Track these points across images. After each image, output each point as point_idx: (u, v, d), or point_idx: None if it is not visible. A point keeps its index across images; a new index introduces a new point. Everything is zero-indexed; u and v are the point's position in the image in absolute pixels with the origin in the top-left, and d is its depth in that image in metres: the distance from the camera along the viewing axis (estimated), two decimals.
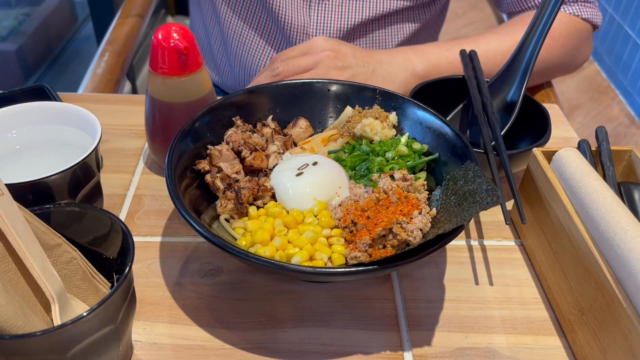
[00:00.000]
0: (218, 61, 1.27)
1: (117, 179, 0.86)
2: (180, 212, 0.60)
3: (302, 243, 0.62)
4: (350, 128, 0.77)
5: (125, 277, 0.53)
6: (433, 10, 1.19)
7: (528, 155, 0.79)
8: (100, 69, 1.23)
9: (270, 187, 0.69)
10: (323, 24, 1.09)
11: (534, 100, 0.88)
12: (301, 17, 1.09)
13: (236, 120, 0.76)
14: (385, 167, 0.72)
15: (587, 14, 1.09)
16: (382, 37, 1.15)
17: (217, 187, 0.70)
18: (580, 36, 1.09)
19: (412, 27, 1.17)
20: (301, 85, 0.82)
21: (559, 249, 0.68)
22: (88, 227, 0.58)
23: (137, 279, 0.71)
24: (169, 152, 0.67)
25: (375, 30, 1.14)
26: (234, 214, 0.68)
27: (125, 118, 0.99)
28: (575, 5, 1.09)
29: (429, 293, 0.71)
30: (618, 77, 2.94)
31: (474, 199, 0.62)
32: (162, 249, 0.75)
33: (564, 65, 1.12)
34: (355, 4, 1.09)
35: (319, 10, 1.09)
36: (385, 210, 0.65)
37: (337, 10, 1.09)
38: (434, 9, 1.18)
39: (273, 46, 1.15)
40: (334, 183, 0.69)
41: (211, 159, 0.71)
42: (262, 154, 0.72)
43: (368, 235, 0.62)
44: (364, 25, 1.12)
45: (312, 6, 1.09)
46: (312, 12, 1.09)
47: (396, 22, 1.15)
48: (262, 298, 0.69)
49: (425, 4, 1.15)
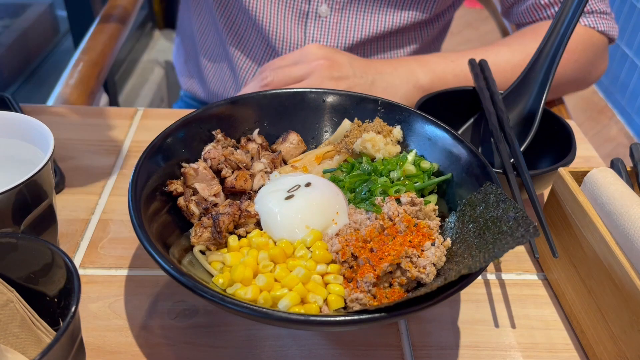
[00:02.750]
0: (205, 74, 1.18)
1: (81, 202, 0.75)
2: (142, 241, 0.49)
3: (291, 282, 0.50)
4: (349, 144, 0.67)
5: (68, 325, 0.42)
6: (433, 30, 1.12)
7: (552, 176, 0.69)
8: (73, 79, 1.12)
9: (254, 213, 0.58)
10: (319, 42, 1.01)
11: (554, 115, 0.79)
12: (295, 34, 1.01)
13: (216, 134, 0.66)
14: (390, 189, 0.62)
15: (603, 26, 1.01)
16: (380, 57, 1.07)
17: (191, 213, 0.59)
18: (596, 50, 1.01)
19: (411, 48, 1.10)
20: (292, 95, 0.72)
21: (595, 287, 0.58)
22: (27, 262, 0.47)
23: (95, 322, 0.60)
24: (135, 171, 0.57)
25: (374, 50, 1.06)
26: (211, 244, 0.57)
27: (97, 132, 0.89)
28: (591, 16, 1.01)
29: (442, 338, 0.60)
30: (615, 97, 2.90)
31: (499, 229, 0.51)
32: (128, 285, 0.64)
33: (578, 81, 1.03)
34: (355, 22, 1.01)
35: (315, 28, 1.01)
36: (391, 241, 0.54)
37: (335, 28, 1.01)
38: (434, 28, 1.11)
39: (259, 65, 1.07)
40: (331, 208, 0.58)
41: (185, 179, 0.61)
42: (245, 174, 0.62)
43: (372, 273, 0.51)
44: (362, 44, 1.04)
45: (309, 23, 1.01)
46: (308, 29, 1.00)
47: (395, 42, 1.07)
48: (244, 345, 0.58)
49: (425, 23, 1.08)
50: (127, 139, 0.88)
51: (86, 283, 0.64)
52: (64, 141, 0.85)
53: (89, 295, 0.63)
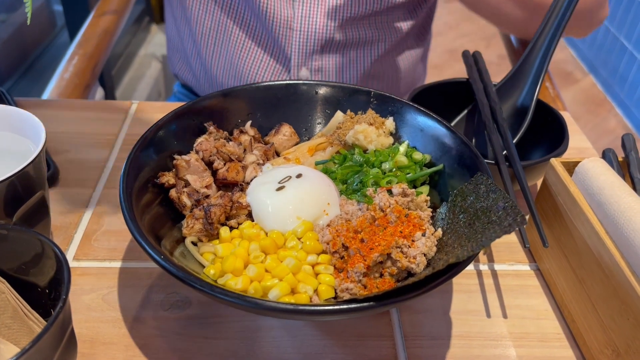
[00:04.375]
0: (193, 63, 1.17)
1: (74, 195, 0.76)
2: (133, 233, 0.49)
3: (282, 272, 0.51)
4: (341, 135, 0.67)
5: (58, 314, 0.42)
6: (423, 10, 1.09)
7: (544, 167, 0.69)
8: (68, 73, 1.12)
9: (246, 204, 0.59)
10: (308, 19, 0.99)
11: (546, 106, 0.79)
12: (284, 11, 0.99)
13: (208, 126, 0.66)
14: (382, 180, 0.62)
15: None
16: (370, 37, 1.05)
17: (183, 204, 0.59)
18: None
19: (402, 27, 1.07)
20: (285, 87, 0.72)
21: (586, 277, 0.58)
22: (17, 254, 0.47)
23: (89, 313, 0.60)
24: (126, 163, 0.57)
25: (363, 29, 1.04)
26: (203, 236, 0.57)
27: (92, 126, 0.89)
28: None
29: (433, 328, 0.61)
30: (614, 89, 2.89)
31: (489, 219, 0.51)
32: (121, 276, 0.65)
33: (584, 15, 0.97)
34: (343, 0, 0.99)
35: (303, 4, 0.99)
36: (382, 232, 0.55)
37: (324, 4, 0.99)
38: (424, 7, 1.09)
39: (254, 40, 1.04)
40: (322, 199, 0.58)
41: (177, 171, 0.61)
42: (237, 165, 0.62)
43: (362, 263, 0.51)
44: (351, 22, 1.02)
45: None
46: (297, 5, 0.98)
47: (385, 21, 1.05)
48: (237, 336, 0.58)
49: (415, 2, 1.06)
50: (121, 132, 0.88)
51: (80, 275, 0.65)
52: (59, 134, 0.85)
53: (82, 287, 0.63)
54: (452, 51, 3.21)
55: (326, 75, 1.05)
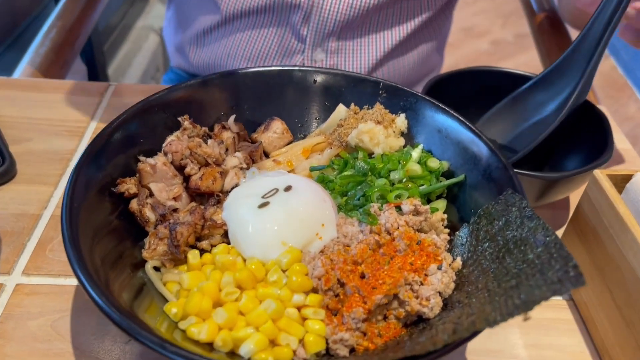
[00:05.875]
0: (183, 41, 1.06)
1: (32, 193, 0.66)
2: (72, 266, 0.39)
3: (259, 319, 0.40)
4: (343, 135, 0.57)
5: None
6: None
7: (584, 178, 0.57)
8: (44, 47, 1.01)
9: (221, 223, 0.48)
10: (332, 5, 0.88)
11: (587, 102, 0.67)
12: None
13: (183, 121, 0.55)
14: (390, 194, 0.52)
15: None
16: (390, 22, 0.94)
17: (146, 219, 0.49)
18: None
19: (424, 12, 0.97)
20: (278, 74, 0.61)
21: (637, 319, 0.48)
22: None
23: (34, 344, 0.52)
24: (74, 170, 0.46)
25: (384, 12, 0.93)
26: (167, 260, 0.47)
27: (61, 111, 0.79)
28: None
29: None
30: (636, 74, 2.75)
31: (524, 256, 0.40)
32: (77, 297, 0.56)
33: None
34: None
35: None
36: (388, 264, 0.44)
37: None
38: None
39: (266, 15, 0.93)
40: (314, 219, 0.48)
41: (141, 177, 0.50)
42: (214, 171, 0.51)
43: (362, 306, 0.41)
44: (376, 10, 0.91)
45: None
46: None
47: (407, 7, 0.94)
48: None
49: None
50: (93, 119, 0.78)
51: (27, 295, 0.55)
52: (20, 120, 0.75)
53: (29, 311, 0.54)
54: (468, 29, 3.07)
55: (342, 59, 0.95)
